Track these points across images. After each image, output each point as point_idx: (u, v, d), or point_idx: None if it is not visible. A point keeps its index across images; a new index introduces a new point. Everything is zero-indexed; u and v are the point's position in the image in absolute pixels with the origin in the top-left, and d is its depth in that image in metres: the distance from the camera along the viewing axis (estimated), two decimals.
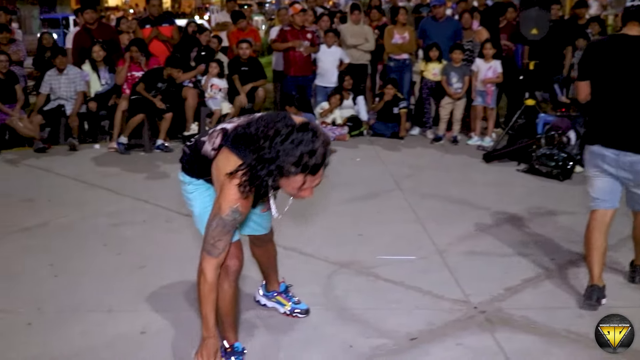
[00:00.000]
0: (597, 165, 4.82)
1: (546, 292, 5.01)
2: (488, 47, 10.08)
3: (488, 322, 4.50)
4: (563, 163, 8.16)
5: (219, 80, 10.09)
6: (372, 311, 4.65)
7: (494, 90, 10.16)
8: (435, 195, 7.42)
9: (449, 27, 10.91)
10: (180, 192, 4.01)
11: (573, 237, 6.14)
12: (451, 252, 5.73)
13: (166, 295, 4.86)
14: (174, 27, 11.21)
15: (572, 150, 8.43)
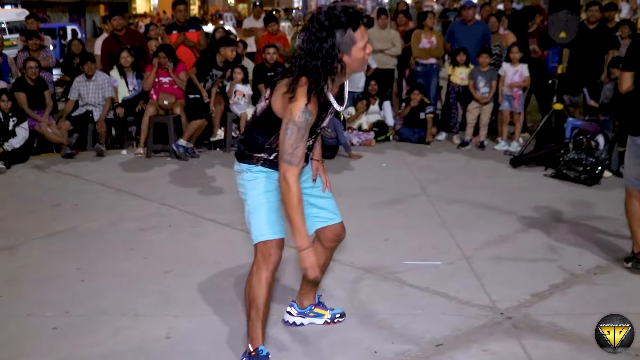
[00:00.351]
0: (635, 153, 5.23)
1: (573, 298, 4.96)
2: (515, 50, 10.01)
3: (515, 328, 4.47)
4: (591, 168, 8.07)
5: (242, 87, 10.09)
6: (397, 317, 4.62)
7: (521, 94, 10.08)
8: (461, 200, 7.38)
9: (478, 31, 10.85)
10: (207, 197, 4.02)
11: (600, 242, 6.09)
12: (477, 258, 5.69)
13: (191, 300, 4.88)
14: (201, 33, 11.26)
15: (600, 154, 8.33)
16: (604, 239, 6.19)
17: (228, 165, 8.87)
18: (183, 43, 10.73)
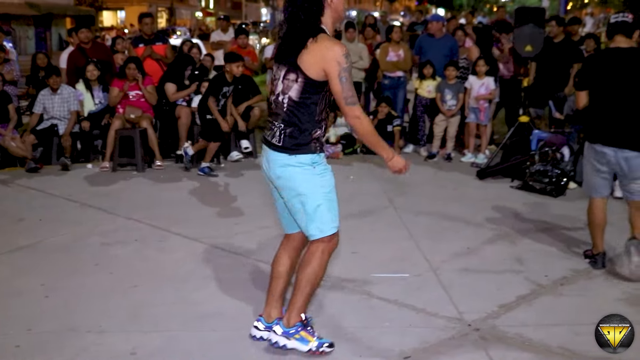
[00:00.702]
0: (597, 160, 5.60)
1: (540, 309, 4.99)
2: (481, 64, 10.10)
3: (482, 339, 4.48)
4: (557, 179, 8.15)
5: None
6: (366, 330, 4.62)
7: (487, 107, 10.16)
8: (429, 212, 7.40)
9: (446, 44, 10.93)
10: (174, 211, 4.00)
11: (566, 253, 6.15)
12: (445, 270, 5.70)
13: (158, 316, 4.82)
14: (168, 46, 11.22)
15: (566, 166, 8.42)
16: (570, 250, 6.24)
17: (195, 178, 8.88)
18: (150, 56, 10.68)
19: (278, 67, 4.08)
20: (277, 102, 4.05)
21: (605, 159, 5.55)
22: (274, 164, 4.03)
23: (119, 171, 9.37)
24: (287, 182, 4.02)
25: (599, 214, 5.73)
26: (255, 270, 5.72)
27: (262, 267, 5.74)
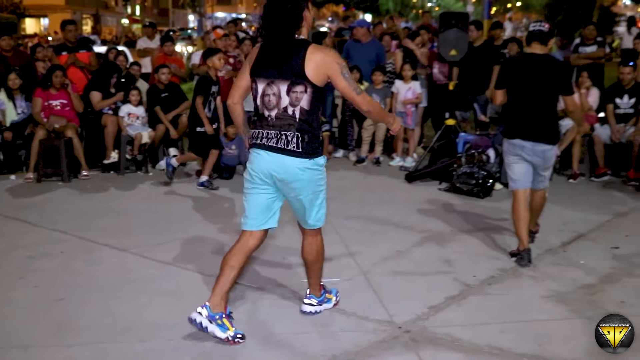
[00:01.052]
0: (517, 154, 6.05)
1: (469, 309, 5.07)
2: (407, 68, 10.23)
3: (413, 341, 4.52)
4: (483, 181, 8.30)
5: (136, 109, 9.90)
6: (298, 335, 4.61)
7: (414, 111, 10.29)
8: (358, 216, 7.45)
9: (372, 50, 11.03)
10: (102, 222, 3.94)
11: (493, 253, 6.27)
12: (375, 273, 5.75)
13: (85, 329, 4.73)
14: (92, 54, 11.04)
15: (491, 168, 8.58)
16: (497, 250, 6.37)
17: (122, 187, 8.75)
18: (74, 64, 10.49)
19: (271, 83, 4.37)
20: (284, 115, 4.35)
21: (523, 151, 6.00)
22: (291, 168, 4.38)
23: (44, 182, 9.15)
24: (306, 183, 4.46)
25: (522, 207, 6.06)
26: (185, 279, 5.66)
27: (191, 277, 5.69)
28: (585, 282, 5.56)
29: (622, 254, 6.28)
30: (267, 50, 4.40)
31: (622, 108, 9.34)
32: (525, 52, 6.55)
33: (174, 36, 16.24)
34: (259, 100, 4.46)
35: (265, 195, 4.57)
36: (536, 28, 6.09)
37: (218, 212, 7.66)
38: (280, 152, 4.36)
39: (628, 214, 7.72)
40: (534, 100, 5.98)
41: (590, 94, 9.58)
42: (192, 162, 9.83)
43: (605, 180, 9.14)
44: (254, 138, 4.50)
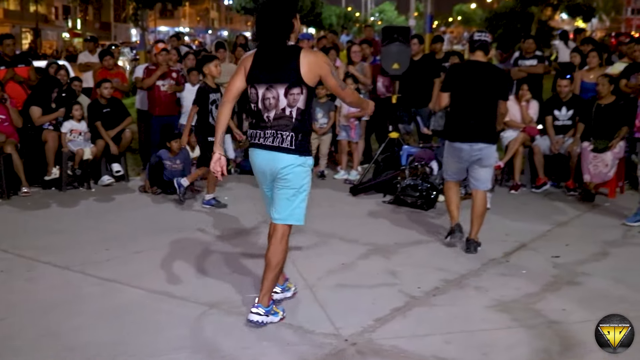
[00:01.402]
0: (455, 155, 6.67)
1: (414, 321, 5.11)
2: (349, 82, 10.29)
3: (359, 353, 4.54)
4: (427, 193, 8.39)
5: (79, 124, 9.76)
6: (244, 351, 4.59)
7: (357, 124, 10.34)
8: (304, 230, 7.39)
9: None
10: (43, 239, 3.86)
11: (438, 264, 6.33)
12: (321, 286, 5.75)
13: (26, 349, 4.63)
14: (31, 68, 10.85)
15: (435, 180, 8.67)
16: (441, 261, 6.44)
17: (64, 204, 8.61)
18: (12, 79, 10.29)
19: (270, 87, 4.78)
20: (282, 116, 4.78)
21: (462, 154, 6.62)
22: (282, 163, 4.80)
23: None
24: (293, 177, 4.84)
25: (453, 194, 6.91)
26: (129, 297, 5.58)
27: (135, 294, 5.62)
28: (528, 291, 5.65)
29: (563, 263, 6.41)
30: (262, 56, 4.82)
31: (561, 120, 9.53)
32: (469, 59, 6.87)
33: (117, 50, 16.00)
34: (259, 103, 4.84)
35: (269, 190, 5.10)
36: (481, 38, 6.67)
37: (163, 228, 7.58)
38: (275, 149, 4.81)
39: (568, 224, 7.88)
40: (476, 103, 6.58)
41: (530, 107, 9.76)
42: (137, 177, 9.73)
43: (546, 190, 9.32)
44: (252, 138, 4.93)
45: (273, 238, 4.97)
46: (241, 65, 4.94)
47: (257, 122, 4.89)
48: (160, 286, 5.74)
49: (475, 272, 6.12)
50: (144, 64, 11.89)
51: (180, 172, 9.22)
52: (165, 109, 10.48)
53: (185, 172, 9.23)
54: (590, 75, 9.98)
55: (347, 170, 10.31)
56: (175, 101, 10.56)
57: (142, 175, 9.81)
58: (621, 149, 8.87)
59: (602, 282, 5.93)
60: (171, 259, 6.48)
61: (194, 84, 10.73)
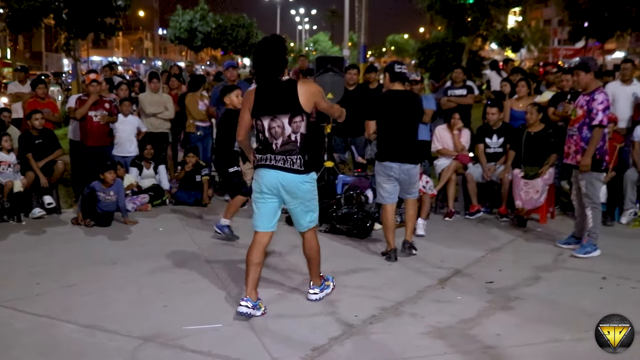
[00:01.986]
0: (387, 174, 7.47)
1: (351, 349, 5.11)
2: None
3: None
4: (362, 222, 8.42)
5: (7, 156, 9.52)
6: None
7: None
8: (240, 260, 7.34)
9: (242, 90, 11.00)
10: None
11: (375, 292, 6.35)
12: (258, 317, 5.70)
13: None
14: None
15: (370, 208, 8.72)
16: (377, 288, 6.46)
17: None
18: None
19: (274, 118, 5.56)
20: (288, 142, 5.58)
21: (392, 171, 7.41)
22: (293, 182, 5.66)
23: None
24: (303, 194, 5.74)
25: (390, 217, 7.50)
26: (59, 331, 5.45)
27: (67, 329, 5.49)
28: (463, 317, 5.71)
29: (497, 288, 6.50)
30: (264, 91, 5.61)
31: (492, 147, 9.72)
32: (390, 89, 7.52)
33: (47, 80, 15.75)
34: (266, 132, 5.62)
35: (272, 204, 5.82)
36: (402, 70, 7.49)
37: (95, 260, 7.44)
38: (286, 170, 5.61)
39: (501, 249, 8.01)
40: (399, 128, 7.42)
41: (462, 135, 9.93)
42: (69, 209, 9.53)
43: (479, 217, 9.47)
44: (262, 160, 5.70)
45: (306, 241, 6.05)
46: (245, 102, 5.77)
47: (265, 148, 5.67)
48: (93, 320, 5.61)
49: (411, 299, 6.16)
50: (77, 95, 11.71)
51: (114, 204, 9.09)
52: (97, 139, 10.33)
53: (119, 203, 9.11)
54: (520, 104, 10.21)
55: None
56: (107, 132, 10.43)
57: (75, 207, 9.62)
58: (551, 176, 9.08)
59: (536, 306, 6.04)
60: (104, 291, 6.36)
61: (126, 114, 10.65)
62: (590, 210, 7.66)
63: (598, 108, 7.48)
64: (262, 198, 5.80)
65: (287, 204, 5.82)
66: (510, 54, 51.03)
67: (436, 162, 9.92)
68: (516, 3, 28.80)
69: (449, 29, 31.74)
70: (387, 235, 7.48)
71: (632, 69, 10.77)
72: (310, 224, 5.95)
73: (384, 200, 7.54)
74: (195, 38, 66.53)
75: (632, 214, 9.14)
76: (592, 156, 7.53)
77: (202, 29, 66.12)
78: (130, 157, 10.55)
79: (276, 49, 5.60)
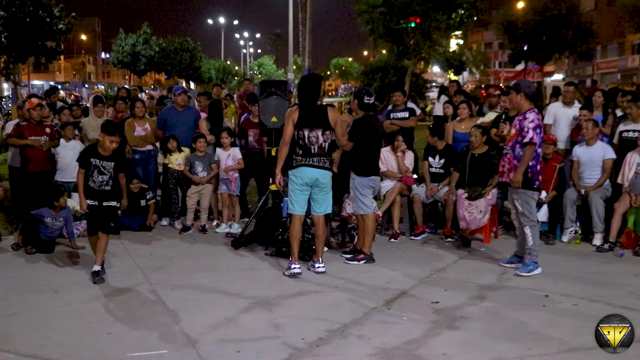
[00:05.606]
0: (370, 187, 8.43)
1: None
2: (224, 136, 10.31)
3: None
4: (309, 244, 8.41)
5: None
6: None
7: (237, 177, 10.34)
8: (185, 285, 7.33)
9: (189, 116, 10.98)
10: None
11: (321, 314, 6.34)
12: (204, 342, 5.65)
13: None
14: None
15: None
16: (324, 311, 6.46)
17: None
18: None
19: (312, 130, 7.75)
20: (321, 148, 7.81)
21: (374, 183, 8.51)
22: (324, 177, 7.87)
23: None
24: (327, 186, 7.94)
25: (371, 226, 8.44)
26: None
27: (6, 359, 5.35)
28: (409, 338, 5.75)
29: (442, 308, 6.55)
30: (305, 111, 7.74)
31: (434, 167, 9.85)
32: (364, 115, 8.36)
33: None
34: (306, 140, 7.76)
35: (306, 194, 7.91)
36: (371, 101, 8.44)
37: (37, 288, 7.28)
38: (321, 168, 7.83)
39: (446, 269, 8.09)
40: (377, 148, 8.69)
41: (406, 157, 10.03)
42: (9, 236, 9.33)
43: (425, 237, 9.56)
44: (302, 160, 7.78)
45: (319, 224, 7.98)
46: (290, 117, 7.74)
47: (305, 152, 7.78)
48: (34, 349, 5.49)
49: (357, 321, 6.17)
50: (15, 120, 11.50)
51: (59, 230, 8.93)
52: (38, 165, 10.11)
53: (67, 228, 8.96)
54: (462, 126, 10.37)
55: (228, 224, 10.24)
56: (48, 157, 10.23)
57: (15, 234, 9.41)
58: (494, 196, 9.22)
59: (481, 325, 6.11)
60: (46, 319, 6.23)
61: (69, 139, 10.49)
62: (529, 228, 7.81)
63: (529, 126, 7.68)
64: (301, 189, 7.82)
65: (313, 194, 7.89)
66: (452, 77, 51.79)
67: (381, 184, 10.00)
68: (457, 27, 29.26)
69: (391, 52, 32.12)
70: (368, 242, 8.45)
71: (574, 91, 11.06)
72: (326, 210, 8.06)
73: (368, 209, 8.41)
74: (138, 62, 66.12)
75: (572, 232, 9.32)
76: (523, 173, 7.70)
77: (145, 53, 65.76)
78: (73, 182, 10.37)
79: (315, 83, 8.00)
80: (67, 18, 33.30)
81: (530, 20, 40.25)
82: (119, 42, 65.96)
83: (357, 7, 28.43)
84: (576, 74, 57.71)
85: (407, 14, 27.20)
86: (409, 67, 30.12)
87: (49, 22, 31.40)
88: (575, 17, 39.15)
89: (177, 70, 70.66)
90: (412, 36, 27.84)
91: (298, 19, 36.10)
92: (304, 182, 7.78)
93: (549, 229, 9.44)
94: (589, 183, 9.36)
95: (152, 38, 67.19)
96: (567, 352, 5.38)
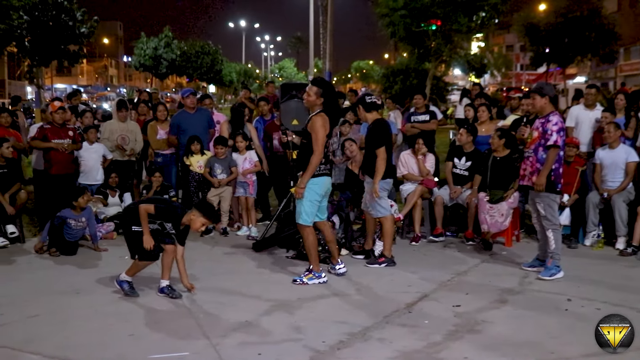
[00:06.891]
0: (387, 189, 8.38)
1: None
2: (239, 139, 10.34)
3: None
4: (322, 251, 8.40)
5: None
6: None
7: (255, 180, 10.36)
8: (207, 287, 7.35)
9: (202, 117, 11.03)
10: None
11: (342, 317, 6.34)
12: (225, 345, 5.67)
13: None
14: None
15: (337, 234, 8.73)
16: (345, 314, 6.46)
17: None
18: None
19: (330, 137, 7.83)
20: (327, 155, 7.81)
21: (390, 186, 8.49)
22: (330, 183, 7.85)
23: None
24: None
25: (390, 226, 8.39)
26: None
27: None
28: (430, 341, 5.73)
29: (464, 312, 6.53)
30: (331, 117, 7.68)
31: (459, 169, 9.82)
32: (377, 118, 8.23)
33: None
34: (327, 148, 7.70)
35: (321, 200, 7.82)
36: (373, 99, 8.33)
37: (60, 290, 7.33)
38: (330, 175, 7.85)
39: (467, 273, 8.06)
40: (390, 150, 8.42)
41: (427, 160, 10.01)
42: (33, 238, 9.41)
43: (446, 241, 9.53)
44: (325, 170, 7.68)
45: (326, 228, 8.01)
46: (324, 125, 7.48)
47: (327, 160, 7.73)
48: (57, 350, 5.53)
49: (378, 324, 6.16)
50: (39, 123, 11.59)
51: (83, 231, 9.00)
52: (62, 167, 10.20)
53: (90, 229, 9.03)
54: (482, 129, 10.34)
55: (249, 227, 10.27)
56: (72, 160, 10.32)
57: (39, 236, 9.48)
58: (515, 199, 9.18)
59: (502, 329, 6.08)
60: (68, 321, 6.28)
61: (91, 142, 10.58)
62: (551, 232, 7.77)
63: (552, 129, 7.63)
64: (320, 199, 7.68)
65: (321, 202, 7.75)
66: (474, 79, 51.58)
67: (402, 187, 9.98)
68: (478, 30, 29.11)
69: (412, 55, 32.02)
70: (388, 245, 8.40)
71: (596, 94, 10.99)
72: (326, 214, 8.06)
73: (386, 211, 8.35)
74: (160, 65, 66.53)
75: (595, 235, 9.26)
76: (546, 176, 7.65)
77: (166, 56, 66.19)
78: (96, 184, 10.46)
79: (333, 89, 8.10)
80: (90, 22, 33.65)
81: (551, 23, 39.91)
82: (141, 45, 66.40)
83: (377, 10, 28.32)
84: (599, 76, 57.21)
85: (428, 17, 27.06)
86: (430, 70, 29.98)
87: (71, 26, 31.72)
88: (597, 19, 38.74)
89: (198, 73, 71.02)
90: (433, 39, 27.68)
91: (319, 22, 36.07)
92: (323, 192, 7.71)
93: (571, 233, 9.38)
94: (612, 186, 9.30)
95: (174, 42, 67.60)
96: (590, 357, 5.33)
